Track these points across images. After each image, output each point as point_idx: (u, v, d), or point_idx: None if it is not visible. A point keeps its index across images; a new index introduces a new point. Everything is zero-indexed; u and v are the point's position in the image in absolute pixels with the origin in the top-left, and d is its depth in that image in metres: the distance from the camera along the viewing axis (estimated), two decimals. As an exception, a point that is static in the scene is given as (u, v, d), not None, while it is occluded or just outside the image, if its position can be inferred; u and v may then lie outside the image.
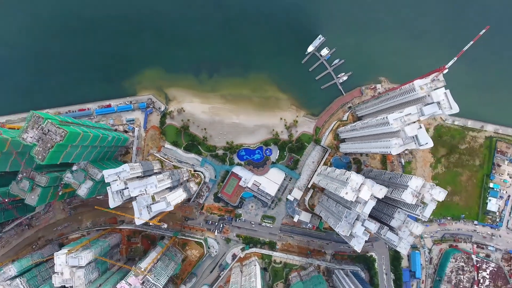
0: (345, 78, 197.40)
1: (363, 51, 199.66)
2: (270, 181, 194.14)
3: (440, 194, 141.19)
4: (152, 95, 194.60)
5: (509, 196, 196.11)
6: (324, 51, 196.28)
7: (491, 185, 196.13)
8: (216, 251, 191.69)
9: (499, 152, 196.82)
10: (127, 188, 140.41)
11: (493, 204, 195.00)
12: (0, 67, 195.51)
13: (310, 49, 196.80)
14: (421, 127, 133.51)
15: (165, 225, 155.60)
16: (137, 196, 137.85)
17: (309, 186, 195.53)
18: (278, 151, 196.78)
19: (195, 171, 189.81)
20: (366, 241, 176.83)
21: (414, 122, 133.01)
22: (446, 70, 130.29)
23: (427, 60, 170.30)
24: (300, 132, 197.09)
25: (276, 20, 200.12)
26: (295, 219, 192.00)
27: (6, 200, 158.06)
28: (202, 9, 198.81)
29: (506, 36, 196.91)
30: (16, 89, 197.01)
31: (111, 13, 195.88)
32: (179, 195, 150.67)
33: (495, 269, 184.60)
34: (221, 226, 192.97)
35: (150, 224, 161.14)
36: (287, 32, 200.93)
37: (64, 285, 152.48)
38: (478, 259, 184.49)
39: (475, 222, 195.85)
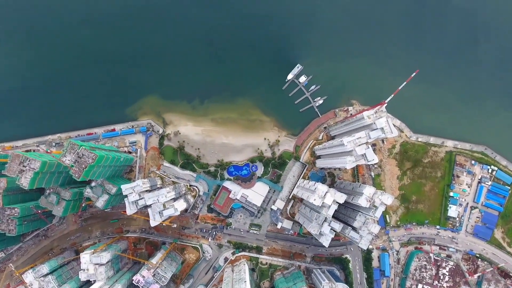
0: (321, 101, 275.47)
1: (337, 77, 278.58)
2: (256, 193, 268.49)
3: (388, 199, 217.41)
4: (151, 120, 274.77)
5: (467, 203, 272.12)
6: (302, 78, 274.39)
7: (451, 194, 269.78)
8: (210, 255, 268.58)
9: (458, 165, 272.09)
10: (142, 198, 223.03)
11: (453, 211, 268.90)
12: (14, 97, 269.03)
13: (290, 76, 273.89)
14: (368, 148, 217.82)
15: (175, 225, 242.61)
16: (151, 204, 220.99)
17: (290, 197, 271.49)
18: (263, 167, 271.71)
19: (190, 185, 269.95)
20: (341, 245, 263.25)
21: (363, 143, 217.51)
22: (386, 104, 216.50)
23: (391, 83, 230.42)
24: (282, 150, 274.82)
25: (259, 52, 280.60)
26: (279, 226, 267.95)
27: (40, 211, 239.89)
28: (194, 42, 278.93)
29: (461, 63, 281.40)
30: (30, 116, 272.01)
31: (113, 48, 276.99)
32: (181, 204, 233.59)
33: (454, 267, 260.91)
34: (214, 233, 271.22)
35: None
36: (269, 62, 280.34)
37: (89, 280, 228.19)
38: (438, 258, 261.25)
39: (438, 226, 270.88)
